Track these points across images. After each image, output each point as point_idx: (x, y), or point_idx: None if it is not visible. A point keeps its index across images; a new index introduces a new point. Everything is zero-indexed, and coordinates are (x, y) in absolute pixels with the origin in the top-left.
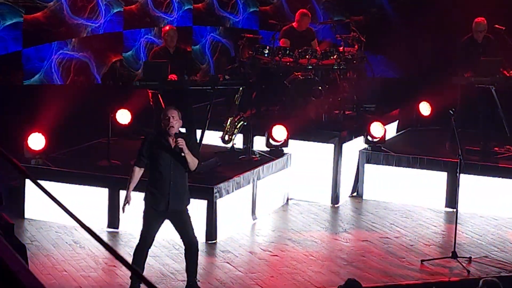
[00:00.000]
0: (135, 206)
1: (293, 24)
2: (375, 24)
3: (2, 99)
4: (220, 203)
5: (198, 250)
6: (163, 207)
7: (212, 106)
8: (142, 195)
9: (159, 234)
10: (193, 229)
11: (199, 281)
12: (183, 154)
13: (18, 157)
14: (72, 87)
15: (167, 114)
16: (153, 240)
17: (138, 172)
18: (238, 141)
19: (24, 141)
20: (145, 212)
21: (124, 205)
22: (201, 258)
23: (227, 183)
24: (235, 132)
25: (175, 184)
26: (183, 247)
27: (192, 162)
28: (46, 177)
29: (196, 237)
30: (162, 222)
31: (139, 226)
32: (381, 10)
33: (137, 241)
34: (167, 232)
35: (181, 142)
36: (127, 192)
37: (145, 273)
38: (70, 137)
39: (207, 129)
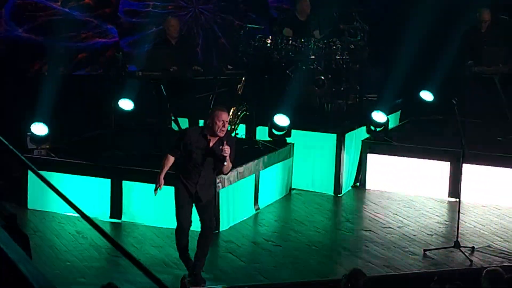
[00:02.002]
0: (138, 196)
1: (295, 13)
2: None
3: (5, 88)
4: (223, 193)
5: (211, 240)
6: (193, 192)
7: (215, 96)
8: (148, 186)
9: (161, 224)
10: (212, 216)
11: (203, 271)
12: (225, 163)
13: (20, 147)
14: (75, 76)
15: (221, 117)
16: (190, 221)
17: (170, 160)
18: (240, 131)
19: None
20: (176, 194)
21: (156, 189)
22: None
23: (229, 173)
24: (237, 122)
25: (203, 178)
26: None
27: (227, 168)
28: (49, 167)
29: (213, 224)
30: (193, 203)
31: (141, 217)
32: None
33: (139, 231)
34: (170, 222)
35: (227, 151)
36: (159, 176)
37: (147, 263)
38: (73, 127)
39: None
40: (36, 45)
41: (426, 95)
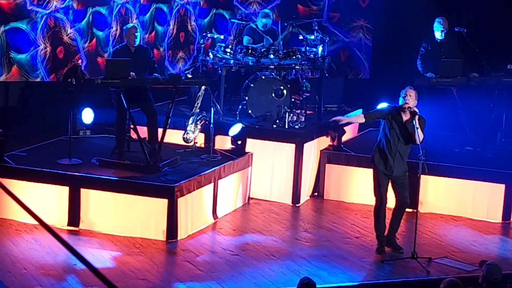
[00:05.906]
0: (96, 204)
1: (256, 23)
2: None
3: None
4: (181, 202)
5: (405, 210)
6: (389, 172)
7: (174, 104)
8: (105, 194)
9: (119, 232)
10: (407, 191)
11: (397, 239)
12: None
13: None
14: (34, 84)
15: (406, 93)
16: (386, 198)
17: (359, 118)
18: (199, 140)
19: None
20: (375, 173)
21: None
22: (162, 257)
23: (188, 182)
24: (196, 131)
25: (399, 153)
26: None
27: (420, 136)
28: (6, 175)
29: (408, 198)
30: (389, 182)
31: (99, 224)
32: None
33: (96, 239)
34: (127, 231)
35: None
36: (343, 118)
37: (105, 271)
38: (31, 134)
39: (169, 128)
40: None
41: (385, 106)
